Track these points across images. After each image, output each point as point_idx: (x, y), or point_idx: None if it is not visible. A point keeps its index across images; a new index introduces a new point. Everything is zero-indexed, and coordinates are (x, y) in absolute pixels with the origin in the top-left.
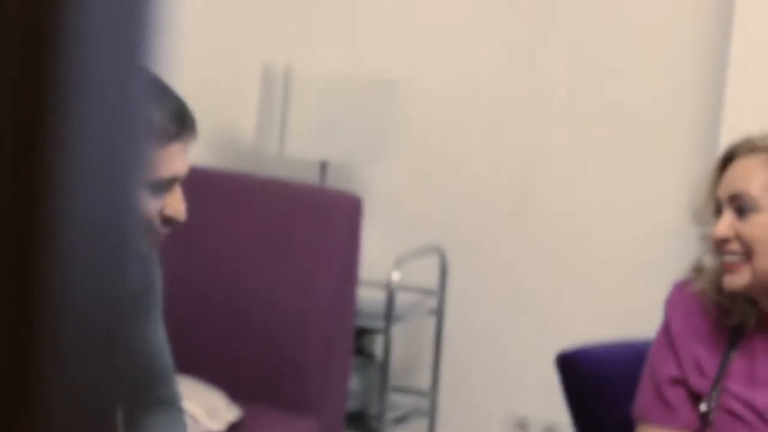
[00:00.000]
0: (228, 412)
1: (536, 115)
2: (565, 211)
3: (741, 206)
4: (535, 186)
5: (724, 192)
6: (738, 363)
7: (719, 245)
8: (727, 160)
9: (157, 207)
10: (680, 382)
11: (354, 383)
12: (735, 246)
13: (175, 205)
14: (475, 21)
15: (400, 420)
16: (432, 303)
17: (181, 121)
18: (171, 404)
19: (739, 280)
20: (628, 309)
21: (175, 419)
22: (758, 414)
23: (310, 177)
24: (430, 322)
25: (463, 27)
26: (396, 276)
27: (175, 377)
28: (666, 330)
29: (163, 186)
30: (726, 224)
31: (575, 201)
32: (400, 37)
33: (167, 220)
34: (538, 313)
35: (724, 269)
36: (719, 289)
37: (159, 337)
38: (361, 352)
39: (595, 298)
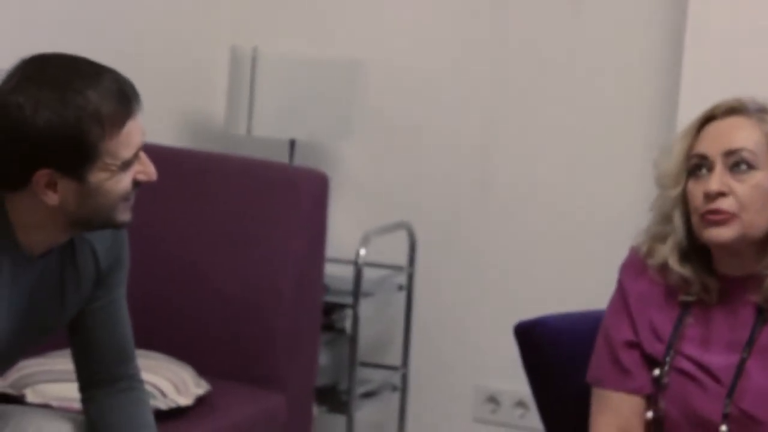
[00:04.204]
0: (197, 386)
1: (499, 92)
2: (528, 186)
3: (738, 162)
4: (498, 162)
5: (715, 148)
6: (693, 327)
7: (709, 200)
8: (707, 119)
9: (131, 179)
10: (635, 346)
11: (324, 358)
12: (729, 201)
13: (145, 169)
14: (438, 1)
15: (371, 395)
16: (401, 279)
17: (126, 100)
18: (137, 382)
19: (728, 232)
20: (596, 280)
21: (141, 399)
22: (710, 374)
23: (279, 156)
24: (400, 298)
25: (427, 7)
26: (363, 252)
27: (135, 355)
28: (620, 294)
29: (131, 162)
30: (720, 180)
31: (538, 176)
32: (365, 18)
33: (139, 184)
34: (507, 287)
35: (709, 223)
36: (684, 256)
37: (124, 314)
38: (331, 327)
39: (563, 271)
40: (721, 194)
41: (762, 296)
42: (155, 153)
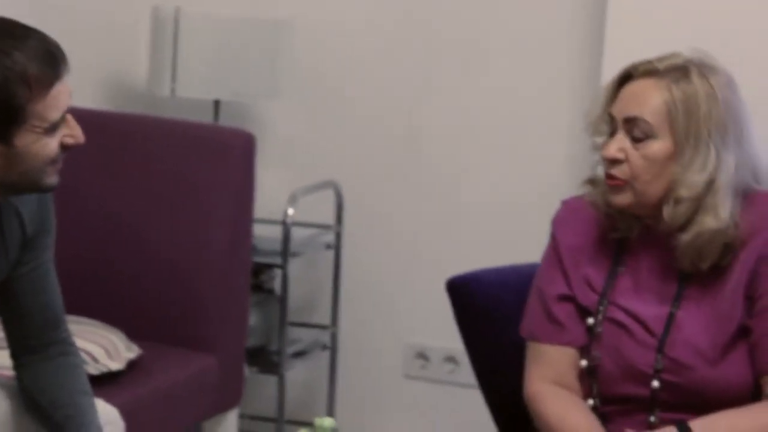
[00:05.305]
0: (128, 350)
1: (427, 53)
2: (457, 143)
3: (635, 131)
4: (425, 121)
5: (619, 112)
6: (624, 277)
7: (607, 164)
8: (625, 78)
9: (58, 143)
10: (568, 299)
11: (254, 319)
12: (624, 168)
13: (73, 132)
14: None
15: (301, 354)
16: (328, 238)
17: (54, 61)
18: (70, 346)
19: (622, 198)
20: (527, 236)
21: (75, 365)
22: (641, 323)
23: (204, 117)
24: (328, 257)
25: None
26: (291, 211)
27: (65, 320)
28: (553, 248)
29: (58, 124)
30: (617, 146)
31: (467, 133)
32: None
33: (66, 147)
34: (435, 244)
35: (608, 186)
36: (608, 201)
37: (53, 278)
38: (260, 288)
39: (489, 228)
40: (617, 160)
41: (681, 261)
42: (78, 115)
